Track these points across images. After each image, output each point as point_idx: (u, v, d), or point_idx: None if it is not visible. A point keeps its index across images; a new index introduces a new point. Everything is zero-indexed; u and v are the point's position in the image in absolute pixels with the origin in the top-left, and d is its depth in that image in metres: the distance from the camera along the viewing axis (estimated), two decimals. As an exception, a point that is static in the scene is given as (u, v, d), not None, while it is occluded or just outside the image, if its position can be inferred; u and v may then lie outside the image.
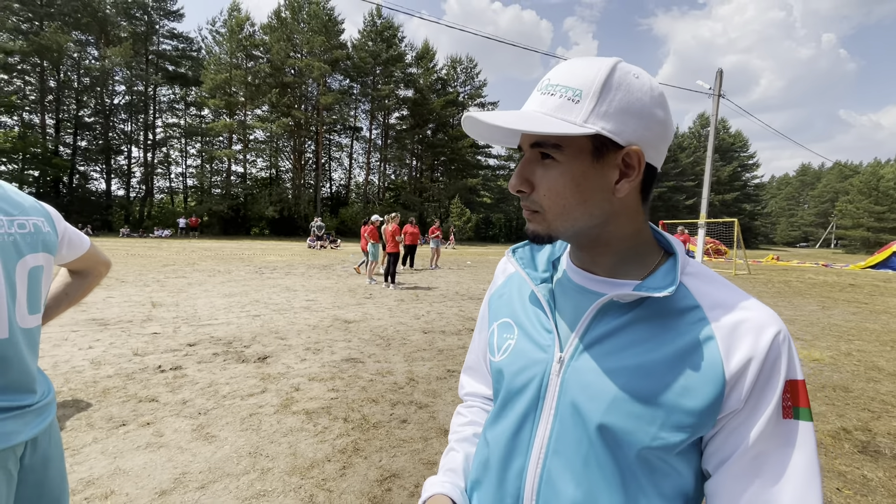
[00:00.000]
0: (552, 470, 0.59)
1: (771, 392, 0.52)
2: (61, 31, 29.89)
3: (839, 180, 72.76)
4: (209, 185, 38.88)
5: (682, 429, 0.53)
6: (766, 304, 0.57)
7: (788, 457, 0.52)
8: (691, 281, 0.59)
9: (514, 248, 0.74)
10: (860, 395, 3.90)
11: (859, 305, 8.94)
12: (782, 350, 0.53)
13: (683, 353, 0.54)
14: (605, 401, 0.56)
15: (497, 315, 0.74)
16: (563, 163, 0.56)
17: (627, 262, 0.62)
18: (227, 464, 2.49)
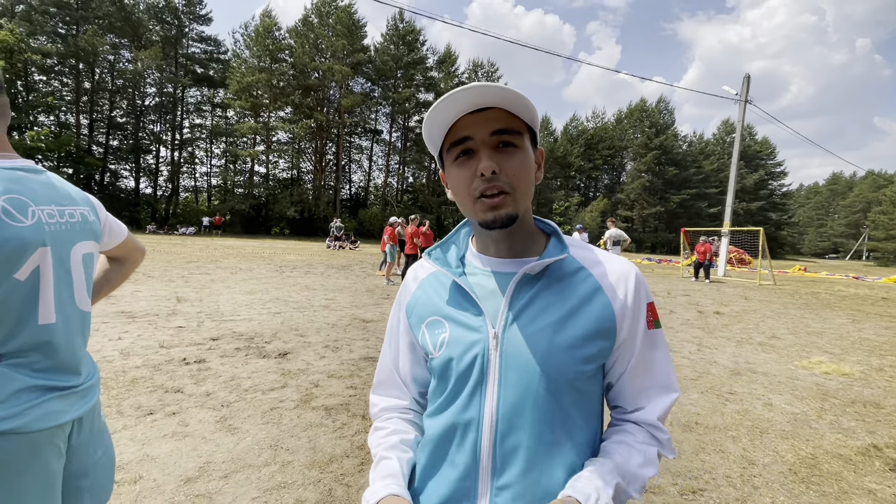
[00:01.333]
0: (504, 431, 0.68)
1: (641, 314, 0.73)
2: (97, 34, 31.08)
3: (872, 190, 70.09)
4: (232, 184, 39.82)
5: (595, 358, 0.70)
6: (620, 256, 0.78)
7: (657, 354, 0.75)
8: (574, 250, 0.75)
9: (429, 250, 0.82)
10: (892, 411, 3.76)
11: (893, 320, 8.60)
12: (642, 284, 0.74)
13: (583, 302, 0.70)
14: (540, 355, 0.68)
15: (422, 318, 0.80)
16: (523, 148, 0.69)
17: (528, 242, 0.76)
18: (249, 455, 2.55)
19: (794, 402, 3.86)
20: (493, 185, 0.66)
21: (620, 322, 0.70)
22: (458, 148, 0.69)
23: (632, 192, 53.32)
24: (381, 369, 0.90)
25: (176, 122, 38.92)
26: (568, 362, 0.68)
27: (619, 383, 0.75)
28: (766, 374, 4.66)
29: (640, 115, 55.05)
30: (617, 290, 0.71)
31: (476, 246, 0.80)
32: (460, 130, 0.68)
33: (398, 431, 0.83)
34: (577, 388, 0.70)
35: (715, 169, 56.35)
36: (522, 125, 0.69)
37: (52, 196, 1.02)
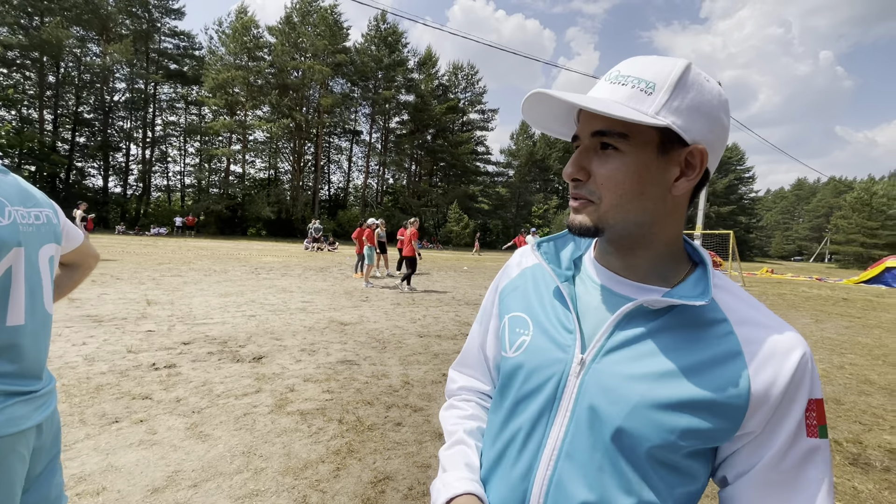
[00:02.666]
0: (563, 473, 0.58)
1: (796, 410, 0.53)
2: (61, 26, 29.86)
3: (834, 195, 73.50)
4: (207, 184, 38.81)
5: (698, 436, 0.53)
6: (791, 325, 0.57)
7: (810, 475, 0.53)
8: (719, 294, 0.59)
9: (539, 241, 0.73)
10: (852, 407, 3.93)
11: (852, 319, 9.01)
12: (807, 371, 0.54)
13: (710, 364, 0.54)
14: (625, 406, 0.55)
15: (509, 308, 0.72)
16: (627, 153, 0.55)
17: (660, 268, 0.62)
18: (221, 463, 2.48)
19: (761, 400, 3.99)
20: (576, 192, 0.59)
21: (756, 406, 0.52)
22: (575, 143, 0.62)
23: (609, 196, 54.30)
24: (467, 348, 0.84)
25: (147, 119, 37.72)
26: (656, 426, 0.54)
27: (738, 486, 0.56)
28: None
29: (617, 120, 56.16)
30: (766, 364, 0.53)
31: (597, 251, 0.68)
32: (578, 126, 0.61)
33: (477, 417, 0.77)
34: (671, 465, 0.55)
35: (688, 174, 57.92)
36: (634, 125, 0.54)
37: (21, 197, 1.02)
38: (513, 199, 52.06)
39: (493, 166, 52.73)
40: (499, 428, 0.67)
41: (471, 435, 0.74)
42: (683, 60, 0.55)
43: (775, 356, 0.53)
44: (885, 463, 2.92)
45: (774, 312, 0.61)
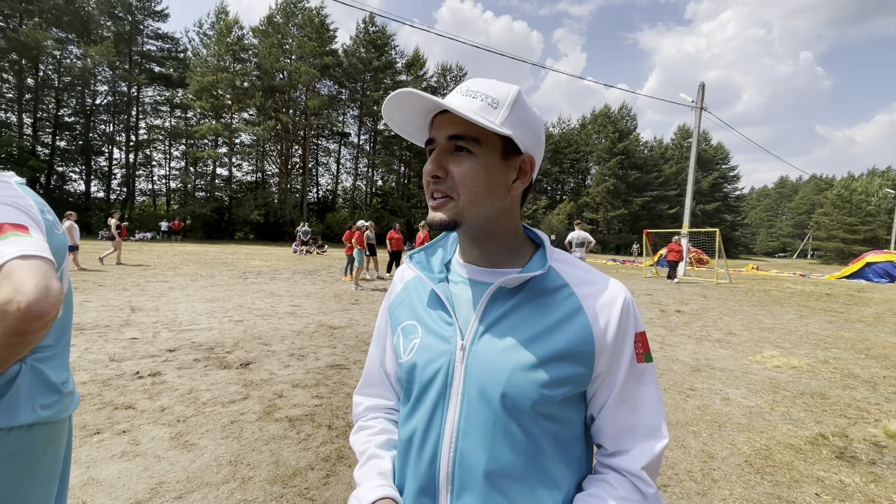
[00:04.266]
0: (464, 450, 0.65)
1: (627, 344, 0.67)
2: (40, 28, 29.21)
3: (815, 193, 75.10)
4: (193, 187, 38.23)
5: (564, 382, 0.64)
6: (613, 277, 0.71)
7: (644, 390, 0.68)
8: (559, 265, 0.71)
9: (411, 254, 0.81)
10: (837, 401, 3.99)
11: (835, 314, 9.19)
12: (630, 311, 0.67)
13: (561, 322, 0.65)
14: (504, 374, 0.64)
15: (400, 320, 0.79)
16: (479, 156, 0.64)
17: (509, 254, 0.72)
18: (207, 473, 2.42)
19: (749, 396, 4.04)
20: (436, 188, 0.66)
21: (601, 348, 0.64)
22: (429, 147, 0.69)
23: (597, 196, 54.90)
24: (367, 370, 0.89)
25: (131, 122, 37.04)
26: (530, 383, 0.63)
27: (600, 417, 0.68)
28: (724, 369, 4.87)
29: (604, 121, 56.87)
30: (600, 314, 0.66)
31: (459, 251, 0.77)
32: (432, 130, 0.68)
33: (386, 431, 0.81)
34: (549, 416, 0.64)
35: (674, 172, 58.83)
36: (487, 132, 0.63)
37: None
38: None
39: (481, 167, 52.88)
40: (404, 427, 0.74)
41: (382, 447, 0.79)
42: (514, 85, 0.66)
43: (605, 305, 0.66)
44: (870, 456, 2.96)
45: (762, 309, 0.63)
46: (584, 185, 59.31)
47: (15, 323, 0.83)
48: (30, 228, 0.93)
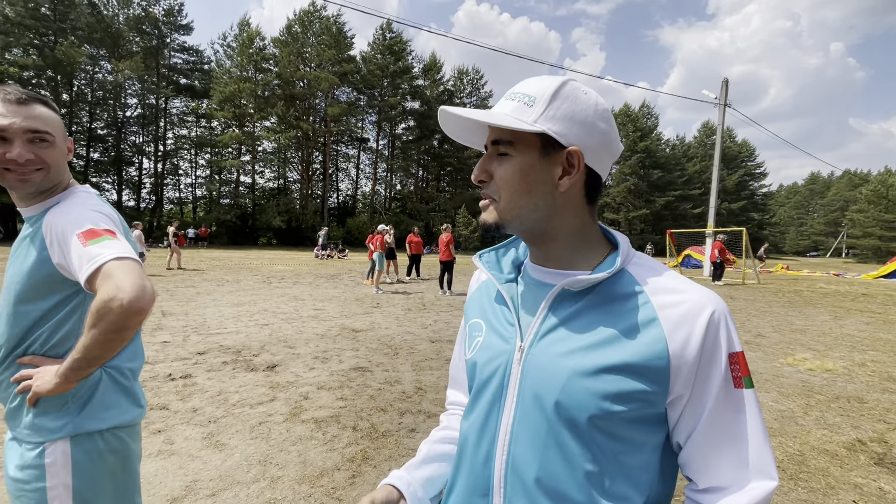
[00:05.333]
0: (516, 455, 0.63)
1: (717, 365, 0.58)
2: (74, 46, 30.58)
3: (849, 189, 72.07)
4: (218, 195, 39.32)
5: (627, 399, 0.57)
6: (704, 287, 0.62)
7: (744, 421, 0.59)
8: (636, 269, 0.65)
9: (481, 253, 0.80)
10: (875, 406, 3.84)
11: (872, 315, 8.81)
12: (720, 327, 0.59)
13: (630, 331, 0.59)
14: (559, 380, 0.60)
15: (469, 317, 0.80)
16: (515, 156, 0.64)
17: (577, 254, 0.68)
18: (238, 472, 2.50)
19: (781, 400, 3.92)
20: (483, 192, 0.68)
21: (678, 367, 0.57)
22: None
23: (618, 196, 53.98)
24: (451, 365, 0.94)
25: (159, 133, 38.39)
26: (587, 393, 0.58)
27: (688, 447, 0.61)
28: (753, 372, 4.73)
29: (624, 120, 55.94)
30: (680, 327, 0.58)
31: (530, 253, 0.76)
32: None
33: (447, 427, 0.87)
34: (610, 434, 0.59)
35: (698, 171, 57.42)
36: (517, 132, 0.63)
37: None
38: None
39: (500, 169, 52.79)
40: (464, 421, 0.74)
41: (428, 442, 0.86)
42: (562, 77, 0.65)
43: (687, 318, 0.58)
44: (912, 462, 2.84)
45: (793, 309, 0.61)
46: (604, 185, 58.40)
47: (117, 319, 0.90)
48: (117, 233, 1.02)
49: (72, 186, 1.13)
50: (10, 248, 1.18)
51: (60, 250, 0.99)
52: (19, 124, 0.99)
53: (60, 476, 1.00)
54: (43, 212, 1.06)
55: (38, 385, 0.99)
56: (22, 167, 1.00)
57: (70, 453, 1.01)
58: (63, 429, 1.02)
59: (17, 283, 1.03)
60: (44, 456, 1.00)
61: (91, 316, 0.93)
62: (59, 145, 1.06)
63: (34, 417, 1.02)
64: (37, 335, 1.03)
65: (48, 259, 1.00)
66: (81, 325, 1.06)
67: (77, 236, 0.96)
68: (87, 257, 0.94)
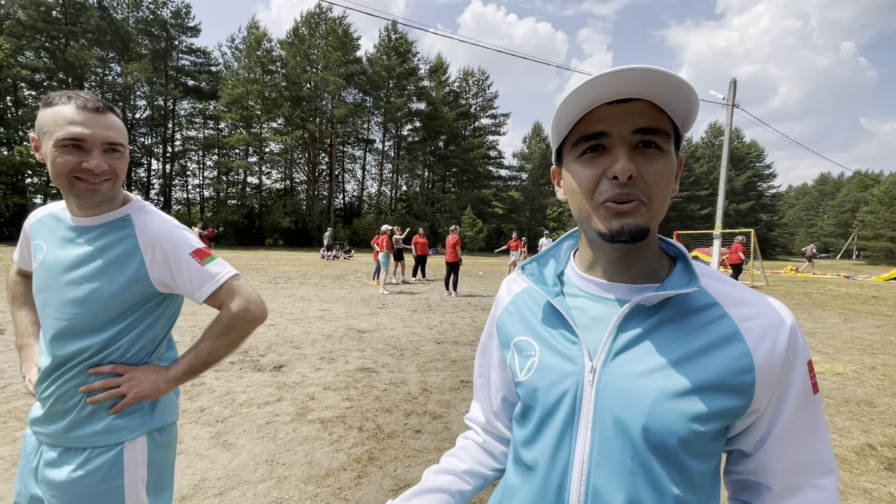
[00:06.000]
0: (598, 484, 0.58)
1: (797, 374, 0.58)
2: (85, 48, 30.98)
3: (860, 190, 71.16)
4: (225, 196, 39.64)
5: (716, 417, 0.56)
6: (769, 296, 0.61)
7: (818, 424, 0.60)
8: (707, 281, 0.62)
9: (523, 265, 0.74)
10: (886, 410, 3.79)
11: (883, 318, 8.70)
12: (798, 337, 0.58)
13: (713, 347, 0.57)
14: (645, 403, 0.56)
15: (511, 335, 0.72)
16: (668, 153, 0.57)
17: (649, 266, 0.64)
18: (245, 471, 2.52)
19: (789, 403, 3.88)
20: (627, 191, 0.55)
21: (763, 380, 0.56)
22: (589, 143, 0.58)
23: (624, 196, 53.72)
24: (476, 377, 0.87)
25: (167, 134, 38.78)
26: (678, 416, 0.55)
27: (762, 453, 0.59)
28: (761, 375, 4.69)
29: (631, 120, 55.62)
30: (763, 340, 0.56)
31: (579, 263, 0.69)
32: (595, 123, 0.57)
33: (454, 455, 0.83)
34: (697, 453, 0.57)
35: (705, 171, 56.99)
36: (671, 125, 0.57)
37: None
38: (526, 203, 51.82)
39: (505, 170, 52.65)
40: (525, 451, 0.67)
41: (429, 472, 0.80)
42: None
43: (770, 331, 0.57)
44: (923, 468, 2.81)
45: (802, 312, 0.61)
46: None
47: (248, 327, 1.09)
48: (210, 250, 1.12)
49: (134, 199, 1.15)
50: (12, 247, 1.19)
51: (166, 267, 1.05)
52: (99, 134, 1.00)
53: (138, 471, 1.06)
54: (108, 223, 1.07)
55: (137, 391, 1.05)
56: (96, 177, 1.01)
57: (147, 449, 1.09)
58: (142, 427, 1.08)
59: (98, 294, 1.02)
60: (123, 454, 1.05)
61: (223, 326, 1.08)
62: (127, 156, 1.09)
63: (112, 421, 1.05)
64: (118, 345, 1.05)
65: (146, 275, 1.05)
66: (162, 331, 1.15)
67: (190, 255, 1.06)
68: (207, 276, 1.06)
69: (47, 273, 1.06)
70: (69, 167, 0.98)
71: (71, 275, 1.03)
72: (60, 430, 1.04)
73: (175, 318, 1.22)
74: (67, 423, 1.03)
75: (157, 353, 1.14)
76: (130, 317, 1.06)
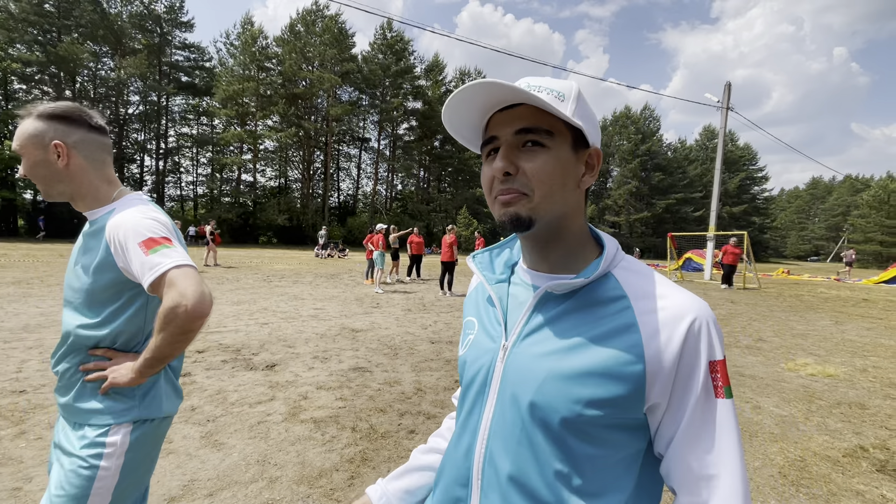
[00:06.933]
0: (493, 450, 0.64)
1: (696, 373, 0.57)
2: (78, 42, 30.60)
3: (851, 194, 72.00)
4: (219, 193, 39.33)
5: (601, 404, 0.57)
6: (690, 293, 0.62)
7: (722, 433, 0.57)
8: (623, 273, 0.65)
9: (474, 254, 0.81)
10: (877, 412, 3.82)
11: (874, 321, 8.79)
12: (701, 334, 0.58)
13: (608, 337, 0.59)
14: (535, 382, 0.61)
15: (465, 315, 0.82)
16: (553, 149, 0.61)
17: (571, 257, 0.68)
18: (236, 472, 2.48)
19: (782, 405, 3.90)
20: (507, 186, 0.62)
21: (654, 373, 0.57)
22: (487, 147, 0.66)
23: (619, 198, 54.01)
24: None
25: (160, 130, 38.41)
26: (562, 396, 0.58)
27: (668, 457, 0.60)
28: (754, 377, 4.71)
29: (626, 122, 55.97)
30: (658, 333, 0.58)
31: (524, 256, 0.75)
32: (490, 129, 0.65)
33: (440, 435, 0.90)
34: (585, 437, 0.59)
35: (699, 174, 57.44)
36: (558, 123, 0.61)
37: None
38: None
39: (501, 170, 52.81)
40: (458, 415, 0.76)
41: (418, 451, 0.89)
42: (574, 82, 0.64)
43: (667, 325, 0.58)
44: (914, 470, 2.82)
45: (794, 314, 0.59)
46: (605, 188, 58.48)
47: (182, 323, 1.02)
48: (173, 240, 1.10)
49: (128, 195, 1.21)
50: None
51: (124, 256, 1.08)
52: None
53: (115, 456, 1.09)
54: (101, 216, 1.16)
55: (114, 376, 1.09)
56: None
57: (130, 436, 1.11)
58: (128, 413, 1.11)
59: (86, 280, 1.12)
60: (107, 436, 1.09)
61: (159, 320, 1.04)
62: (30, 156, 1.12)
63: (103, 401, 1.11)
64: (108, 330, 1.12)
65: (113, 263, 1.10)
66: (148, 322, 1.17)
67: (138, 245, 1.06)
68: (148, 265, 1.04)
69: (70, 260, 1.20)
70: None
71: (74, 261, 1.17)
72: (65, 404, 1.13)
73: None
74: (69, 398, 1.12)
75: (146, 343, 1.15)
76: (112, 304, 1.12)
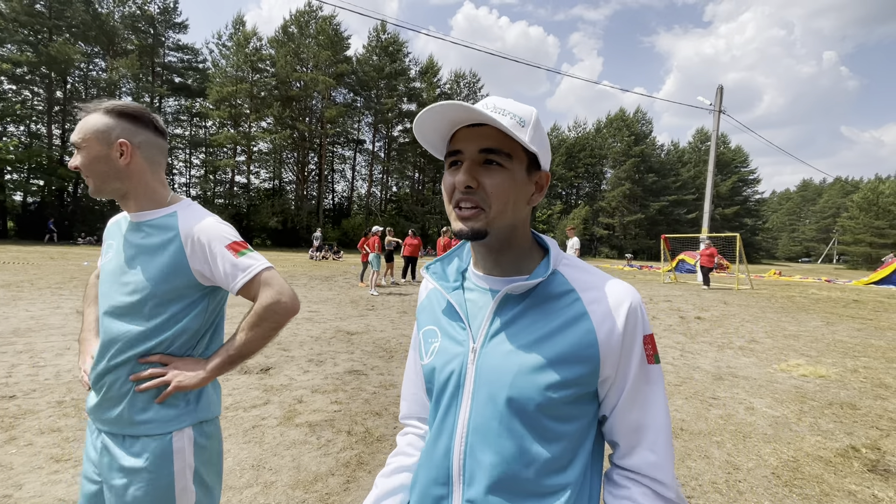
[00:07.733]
0: (473, 445, 0.70)
1: (636, 347, 0.69)
2: (69, 43, 30.33)
3: (840, 196, 72.94)
4: (212, 195, 39.06)
5: (568, 385, 0.67)
6: (621, 280, 0.73)
7: (654, 391, 0.71)
8: (567, 270, 0.74)
9: (428, 265, 0.85)
10: (868, 412, 3.86)
11: (864, 322, 8.89)
12: (637, 315, 0.69)
13: (565, 327, 0.68)
14: (508, 377, 0.68)
15: (422, 325, 0.85)
16: (510, 170, 0.68)
17: (520, 260, 0.76)
18: (230, 477, 2.46)
19: (775, 406, 3.93)
20: (469, 198, 0.68)
21: (606, 353, 0.67)
22: (451, 158, 0.71)
23: (613, 200, 54.30)
24: (406, 374, 0.97)
25: (153, 132, 38.11)
26: (533, 386, 0.66)
27: (613, 417, 0.72)
28: (747, 377, 4.75)
29: (620, 125, 56.35)
30: (606, 319, 0.68)
31: (473, 261, 0.81)
32: (456, 142, 0.70)
33: (400, 453, 0.91)
34: (556, 416, 0.68)
35: (692, 176, 57.89)
36: (517, 147, 0.68)
37: None
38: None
39: (496, 173, 52.92)
40: (432, 421, 0.79)
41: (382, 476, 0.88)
42: (533, 108, 0.70)
43: (611, 310, 0.68)
44: (905, 469, 2.86)
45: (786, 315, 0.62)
46: (599, 190, 58.77)
47: (280, 319, 1.11)
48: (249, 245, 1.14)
49: (183, 199, 1.22)
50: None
51: (204, 258, 1.10)
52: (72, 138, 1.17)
53: (186, 459, 1.10)
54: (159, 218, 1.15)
55: (179, 380, 1.08)
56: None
57: (194, 438, 1.12)
58: (188, 417, 1.12)
59: (145, 284, 1.09)
60: (172, 443, 1.08)
61: (255, 317, 1.11)
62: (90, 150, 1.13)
63: (159, 410, 1.09)
64: (166, 335, 1.10)
65: (186, 265, 1.10)
66: (205, 326, 1.17)
67: (225, 248, 1.10)
68: (241, 267, 1.09)
69: (109, 264, 1.16)
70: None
71: (125, 265, 1.12)
72: (114, 418, 1.09)
73: (217, 313, 1.23)
74: (121, 411, 1.08)
75: (199, 346, 1.17)
76: (173, 308, 1.10)
